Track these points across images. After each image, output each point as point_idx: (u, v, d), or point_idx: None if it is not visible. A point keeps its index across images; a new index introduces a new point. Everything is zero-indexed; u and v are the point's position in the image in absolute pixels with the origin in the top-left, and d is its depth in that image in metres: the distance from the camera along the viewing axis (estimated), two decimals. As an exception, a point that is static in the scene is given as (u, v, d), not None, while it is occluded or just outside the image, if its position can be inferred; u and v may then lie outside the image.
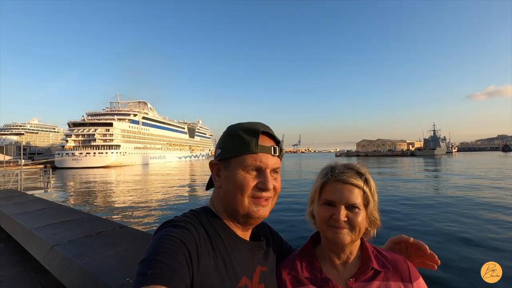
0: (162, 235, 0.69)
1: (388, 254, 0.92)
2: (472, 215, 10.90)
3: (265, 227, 1.05)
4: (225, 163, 0.85)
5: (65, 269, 1.67)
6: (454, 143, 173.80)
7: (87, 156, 64.45)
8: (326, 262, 0.94)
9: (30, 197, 4.89)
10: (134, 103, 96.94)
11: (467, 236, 8.32)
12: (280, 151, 0.86)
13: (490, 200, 13.87)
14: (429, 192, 17.53)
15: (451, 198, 14.76)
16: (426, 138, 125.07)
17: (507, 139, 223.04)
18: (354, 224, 0.86)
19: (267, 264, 0.91)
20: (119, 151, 69.61)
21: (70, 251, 1.83)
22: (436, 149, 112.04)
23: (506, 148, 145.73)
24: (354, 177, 0.88)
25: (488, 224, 9.68)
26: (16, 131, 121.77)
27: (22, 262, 2.32)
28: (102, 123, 72.18)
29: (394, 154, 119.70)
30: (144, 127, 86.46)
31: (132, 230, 2.34)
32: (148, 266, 0.62)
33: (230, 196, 0.82)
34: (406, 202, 14.00)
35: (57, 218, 2.92)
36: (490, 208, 12.05)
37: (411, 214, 11.42)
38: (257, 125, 0.85)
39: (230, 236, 0.84)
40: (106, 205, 16.21)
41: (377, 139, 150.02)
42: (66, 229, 2.46)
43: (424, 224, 9.85)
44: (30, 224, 2.66)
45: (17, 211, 3.44)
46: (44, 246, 2.08)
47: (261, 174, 0.82)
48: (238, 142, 0.82)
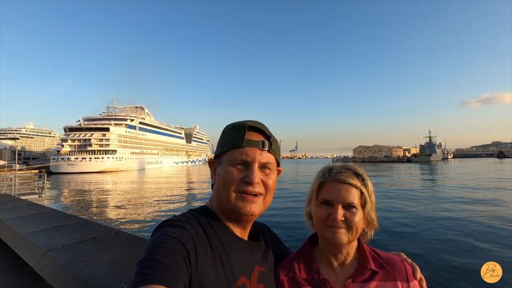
0: (160, 235, 0.70)
1: (385, 255, 0.93)
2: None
3: (264, 228, 1.06)
4: (218, 160, 0.87)
5: (58, 275, 1.64)
6: (449, 149, 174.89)
7: (83, 161, 63.82)
8: (324, 263, 0.94)
9: (24, 202, 4.81)
10: (131, 108, 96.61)
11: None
12: (270, 145, 0.85)
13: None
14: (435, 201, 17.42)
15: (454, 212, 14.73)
16: (422, 145, 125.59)
17: (501, 145, 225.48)
18: (351, 224, 0.86)
19: (266, 264, 0.91)
20: (115, 156, 69.09)
21: (63, 257, 1.80)
22: (432, 155, 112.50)
23: (501, 155, 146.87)
24: (352, 177, 0.89)
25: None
26: (11, 136, 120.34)
27: (14, 268, 2.28)
28: (98, 128, 71.78)
29: (391, 160, 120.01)
30: (141, 132, 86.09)
31: (127, 235, 2.31)
32: (146, 266, 0.62)
33: (219, 191, 0.83)
34: (408, 211, 13.96)
35: (51, 223, 2.88)
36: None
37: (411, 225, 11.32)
38: (247, 121, 0.86)
39: (228, 235, 0.83)
40: (101, 210, 16.03)
41: (373, 145, 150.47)
42: (60, 234, 2.42)
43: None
44: (23, 229, 2.62)
45: (10, 216, 3.38)
46: (37, 251, 2.04)
47: (247, 168, 0.81)
48: (227, 138, 0.84)
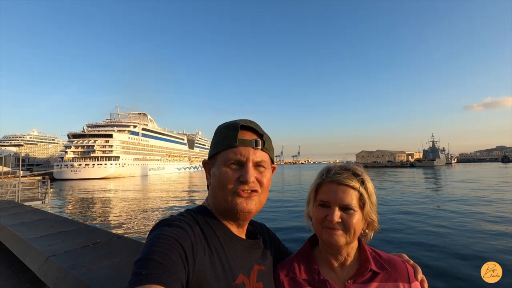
0: (157, 235, 0.70)
1: (386, 256, 0.92)
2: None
3: (262, 227, 1.05)
4: (212, 161, 0.87)
5: (60, 280, 1.64)
6: (453, 154, 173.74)
7: (86, 168, 63.99)
8: (324, 264, 0.94)
9: (27, 208, 4.83)
10: (134, 115, 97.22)
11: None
12: (263, 143, 0.85)
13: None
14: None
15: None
16: (425, 149, 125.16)
17: (506, 150, 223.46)
18: (348, 225, 0.85)
19: (265, 263, 0.90)
20: (118, 163, 69.32)
21: (66, 262, 1.80)
22: (435, 160, 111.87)
23: (506, 159, 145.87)
24: (350, 178, 0.88)
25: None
26: (15, 142, 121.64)
27: (17, 274, 2.29)
28: (101, 135, 72.18)
29: (394, 165, 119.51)
30: (144, 138, 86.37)
31: (129, 240, 2.31)
32: (143, 266, 0.62)
33: (215, 191, 0.84)
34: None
35: (54, 229, 2.88)
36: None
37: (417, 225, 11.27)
38: (239, 120, 0.87)
39: (226, 234, 0.83)
40: (104, 216, 16.05)
41: (376, 150, 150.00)
42: (63, 240, 2.42)
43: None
44: (26, 235, 2.62)
45: (14, 222, 3.40)
46: (39, 257, 2.04)
47: (242, 167, 0.82)
48: (220, 139, 0.85)
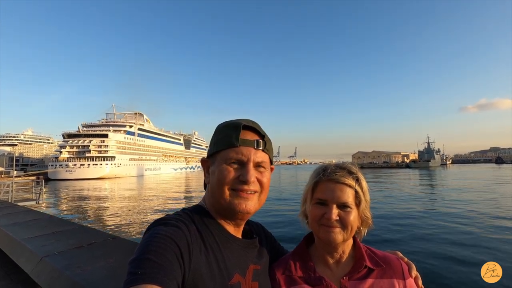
0: (152, 234, 0.69)
1: (381, 253, 0.94)
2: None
3: (258, 226, 1.06)
4: (212, 159, 0.87)
5: (54, 281, 1.62)
6: (448, 155, 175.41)
7: (81, 168, 63.42)
8: (320, 262, 0.95)
9: (20, 208, 4.77)
10: (130, 115, 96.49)
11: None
12: (264, 144, 0.86)
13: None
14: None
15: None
16: (420, 150, 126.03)
17: (499, 151, 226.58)
18: (346, 223, 0.87)
19: (260, 262, 0.90)
20: (114, 163, 68.80)
21: (59, 263, 1.78)
22: (430, 161, 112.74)
23: (499, 160, 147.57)
24: (346, 176, 0.90)
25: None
26: (9, 142, 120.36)
27: (9, 275, 2.26)
28: (97, 134, 71.59)
29: (389, 166, 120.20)
30: (140, 138, 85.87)
31: (124, 241, 2.29)
32: (138, 266, 0.61)
33: (214, 189, 0.84)
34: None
35: (48, 229, 2.85)
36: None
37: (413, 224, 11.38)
38: (241, 120, 0.87)
39: (222, 233, 0.83)
40: (99, 216, 15.91)
41: (372, 151, 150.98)
42: (57, 240, 2.40)
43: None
44: (19, 236, 2.59)
45: (6, 222, 3.35)
46: (33, 257, 2.01)
47: (243, 167, 0.82)
48: (221, 137, 0.85)
